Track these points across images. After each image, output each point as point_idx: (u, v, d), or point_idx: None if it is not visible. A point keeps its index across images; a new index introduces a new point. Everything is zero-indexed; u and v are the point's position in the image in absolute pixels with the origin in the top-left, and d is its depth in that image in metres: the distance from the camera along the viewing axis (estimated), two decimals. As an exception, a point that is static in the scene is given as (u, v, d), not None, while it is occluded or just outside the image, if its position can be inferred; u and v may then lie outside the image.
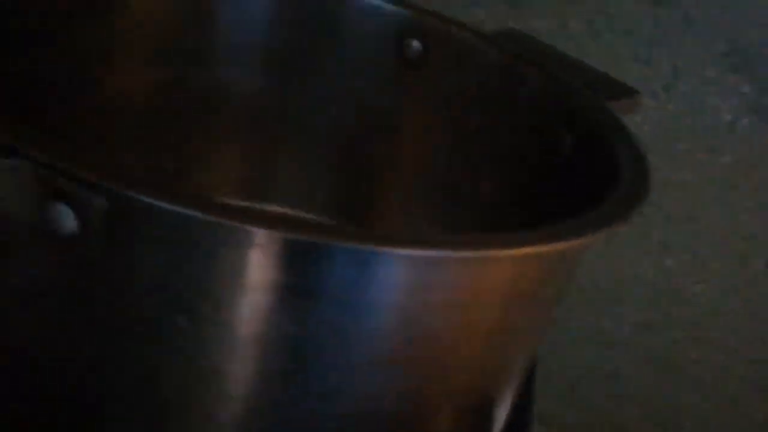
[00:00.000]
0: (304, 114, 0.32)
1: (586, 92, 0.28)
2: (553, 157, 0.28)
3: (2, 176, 0.18)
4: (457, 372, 0.22)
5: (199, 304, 0.19)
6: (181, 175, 0.32)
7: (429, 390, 0.21)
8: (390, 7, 0.30)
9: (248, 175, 0.33)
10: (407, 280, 0.20)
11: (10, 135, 0.18)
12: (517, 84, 0.29)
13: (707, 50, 0.35)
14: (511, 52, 0.29)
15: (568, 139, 0.27)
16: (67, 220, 0.18)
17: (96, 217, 0.18)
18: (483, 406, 0.23)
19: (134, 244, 0.19)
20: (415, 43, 0.30)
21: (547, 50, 0.30)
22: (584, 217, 0.22)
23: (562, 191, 0.27)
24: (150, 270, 0.19)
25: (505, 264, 0.21)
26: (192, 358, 0.20)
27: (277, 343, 0.20)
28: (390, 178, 0.32)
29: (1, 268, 0.20)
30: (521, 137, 0.29)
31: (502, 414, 0.24)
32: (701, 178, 0.37)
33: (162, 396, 0.20)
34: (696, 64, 0.34)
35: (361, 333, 0.20)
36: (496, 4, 0.37)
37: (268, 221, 0.20)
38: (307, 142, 0.32)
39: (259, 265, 0.19)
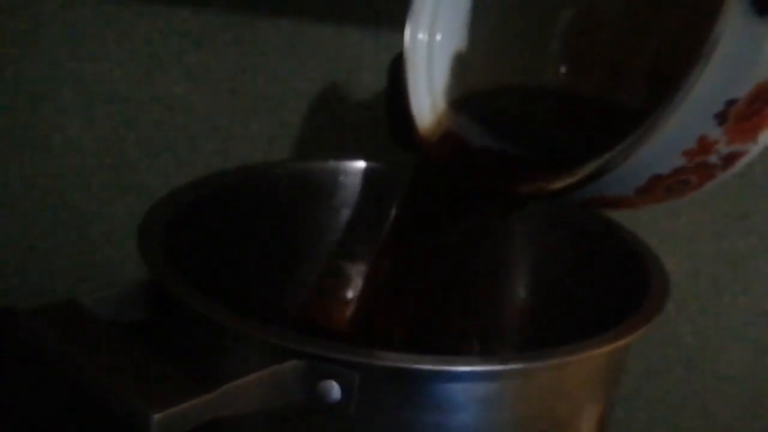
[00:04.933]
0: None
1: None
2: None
3: (286, 374, 0.24)
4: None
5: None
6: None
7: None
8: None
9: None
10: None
11: (287, 341, 0.24)
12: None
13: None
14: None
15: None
16: (333, 392, 0.24)
17: (354, 386, 0.24)
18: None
19: (381, 403, 0.25)
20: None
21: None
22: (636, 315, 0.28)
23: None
24: (396, 421, 0.25)
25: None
26: None
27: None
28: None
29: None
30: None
31: None
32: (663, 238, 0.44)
33: None
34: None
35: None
36: None
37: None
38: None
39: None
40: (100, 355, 0.24)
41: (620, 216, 0.39)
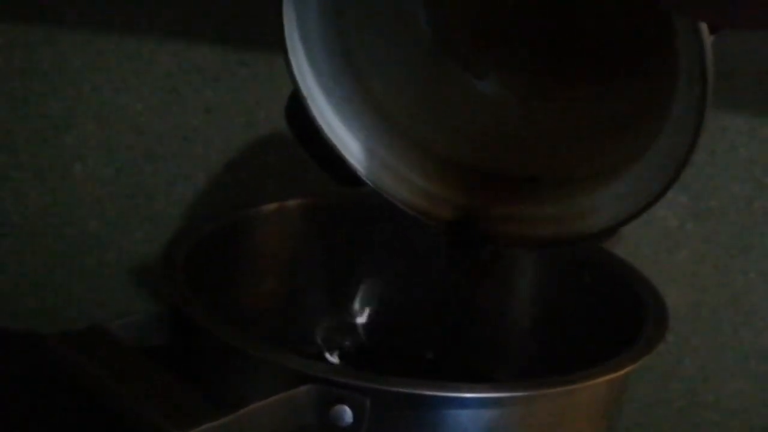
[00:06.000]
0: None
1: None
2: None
3: (300, 399, 0.25)
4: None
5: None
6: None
7: None
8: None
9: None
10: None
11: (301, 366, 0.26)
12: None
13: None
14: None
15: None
16: (345, 416, 0.25)
17: (365, 410, 0.25)
18: None
19: (391, 427, 0.26)
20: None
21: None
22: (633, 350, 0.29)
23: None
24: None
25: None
26: None
27: None
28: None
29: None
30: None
31: None
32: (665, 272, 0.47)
33: None
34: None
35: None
36: None
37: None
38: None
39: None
40: (125, 378, 0.25)
41: (622, 249, 0.40)
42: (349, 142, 0.31)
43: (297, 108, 0.30)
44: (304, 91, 0.30)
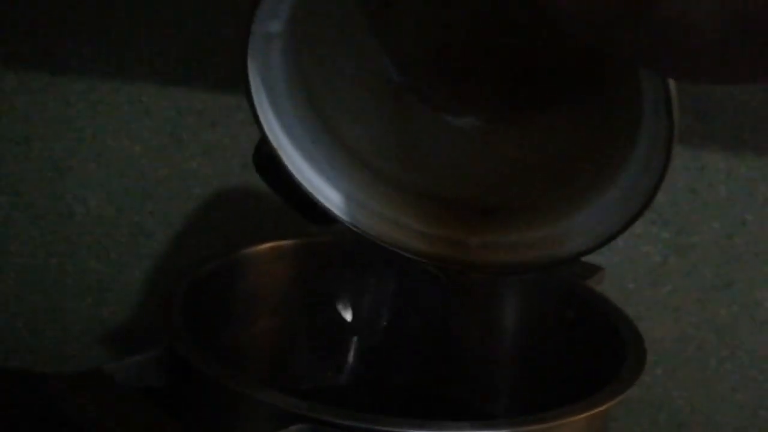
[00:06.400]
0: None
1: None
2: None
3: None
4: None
5: None
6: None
7: None
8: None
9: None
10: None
11: (293, 406, 0.26)
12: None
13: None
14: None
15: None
16: None
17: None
18: None
19: None
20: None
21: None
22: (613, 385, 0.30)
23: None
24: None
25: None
26: None
27: None
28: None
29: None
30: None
31: None
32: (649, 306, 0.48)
33: None
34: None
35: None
36: None
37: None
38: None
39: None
40: (123, 421, 0.26)
41: (606, 284, 0.41)
42: (322, 187, 0.31)
43: (266, 156, 0.31)
44: (273, 141, 0.30)
